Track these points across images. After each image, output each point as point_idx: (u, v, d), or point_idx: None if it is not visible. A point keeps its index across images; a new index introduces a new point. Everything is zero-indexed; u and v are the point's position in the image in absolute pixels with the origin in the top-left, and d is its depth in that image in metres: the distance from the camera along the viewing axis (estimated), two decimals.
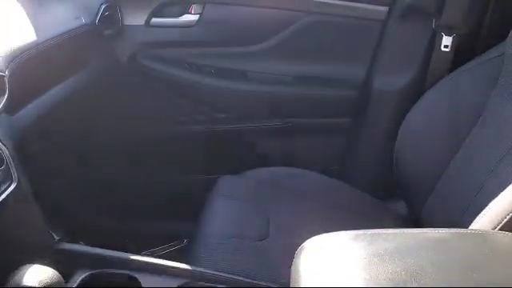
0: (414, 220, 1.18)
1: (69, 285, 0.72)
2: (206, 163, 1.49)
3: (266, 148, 1.49)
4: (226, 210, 1.14)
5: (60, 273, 0.69)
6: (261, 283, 0.86)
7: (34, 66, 0.89)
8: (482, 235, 0.72)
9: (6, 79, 0.75)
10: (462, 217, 0.94)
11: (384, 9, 1.31)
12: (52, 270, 0.61)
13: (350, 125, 1.43)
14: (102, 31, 1.24)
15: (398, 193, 1.36)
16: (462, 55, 1.22)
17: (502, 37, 1.07)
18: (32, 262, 0.66)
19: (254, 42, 1.40)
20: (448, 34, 1.23)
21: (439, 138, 1.13)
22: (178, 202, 1.44)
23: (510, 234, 0.71)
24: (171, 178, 1.52)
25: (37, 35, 0.93)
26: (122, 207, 1.48)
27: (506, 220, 0.73)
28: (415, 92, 1.25)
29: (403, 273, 0.58)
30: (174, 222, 1.48)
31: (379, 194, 1.33)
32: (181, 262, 0.86)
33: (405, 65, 1.31)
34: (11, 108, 0.81)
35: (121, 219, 1.50)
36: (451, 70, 1.21)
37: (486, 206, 0.84)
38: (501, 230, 0.74)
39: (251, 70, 1.43)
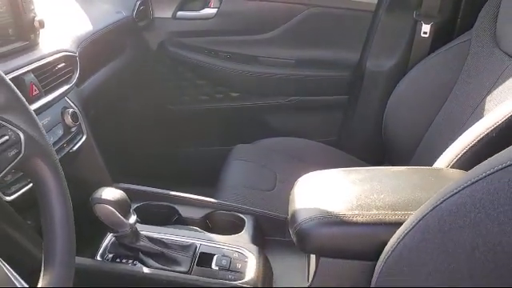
0: None
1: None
2: (223, 135, 1.67)
3: (273, 121, 1.66)
4: (240, 170, 1.33)
5: None
6: (268, 211, 1.08)
7: (90, 50, 1.11)
8: (433, 170, 0.95)
9: (78, 58, 0.98)
10: None
11: (373, 1, 1.49)
12: (121, 191, 0.84)
13: (346, 101, 1.60)
14: (137, 23, 1.44)
15: (386, 159, 1.56)
16: (438, 40, 1.38)
17: (472, 25, 1.24)
18: None
19: (263, 31, 1.58)
20: (427, 23, 1.39)
21: (420, 109, 1.30)
22: (198, 169, 1.61)
23: (455, 170, 0.92)
24: (193, 149, 1.70)
25: (92, 25, 1.16)
26: (147, 174, 1.60)
27: (455, 160, 0.92)
28: (400, 71, 1.42)
29: (368, 191, 0.81)
30: (193, 187, 1.65)
31: (370, 161, 1.50)
32: None
33: (391, 49, 1.47)
34: (78, 82, 1.04)
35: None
36: (430, 53, 1.37)
37: None
38: (451, 167, 0.93)
39: (261, 55, 1.60)
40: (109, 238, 0.91)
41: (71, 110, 0.95)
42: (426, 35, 1.40)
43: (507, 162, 0.52)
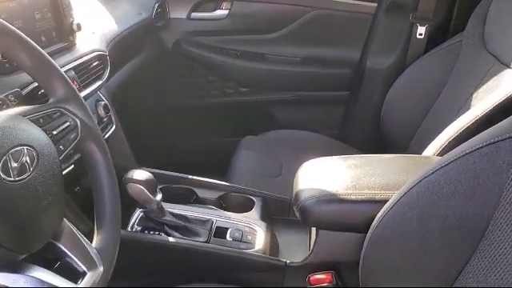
0: None
1: None
2: (232, 127, 1.77)
3: (279, 115, 1.76)
4: (248, 159, 1.42)
5: None
6: (274, 194, 1.19)
7: (116, 49, 1.22)
8: (419, 157, 1.06)
9: (108, 57, 1.11)
10: None
11: (373, 4, 1.59)
12: (149, 172, 0.97)
13: (347, 97, 1.70)
14: (155, 23, 1.56)
15: (384, 150, 1.65)
16: (433, 41, 1.47)
17: (464, 27, 1.32)
18: None
19: (271, 31, 1.67)
20: (422, 25, 1.49)
21: (415, 104, 1.39)
22: (209, 159, 1.67)
23: (439, 157, 1.03)
24: (204, 140, 1.80)
25: (118, 26, 1.27)
26: (162, 163, 1.72)
27: (440, 149, 1.03)
28: (398, 69, 1.51)
29: (361, 174, 0.93)
30: (205, 175, 1.72)
31: (369, 152, 1.59)
32: None
33: (390, 48, 1.57)
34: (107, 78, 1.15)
35: None
36: (425, 53, 1.46)
37: None
38: (438, 155, 1.03)
39: (268, 53, 1.69)
40: (137, 214, 1.04)
41: (103, 102, 1.07)
42: (422, 36, 1.50)
43: (473, 148, 0.64)
